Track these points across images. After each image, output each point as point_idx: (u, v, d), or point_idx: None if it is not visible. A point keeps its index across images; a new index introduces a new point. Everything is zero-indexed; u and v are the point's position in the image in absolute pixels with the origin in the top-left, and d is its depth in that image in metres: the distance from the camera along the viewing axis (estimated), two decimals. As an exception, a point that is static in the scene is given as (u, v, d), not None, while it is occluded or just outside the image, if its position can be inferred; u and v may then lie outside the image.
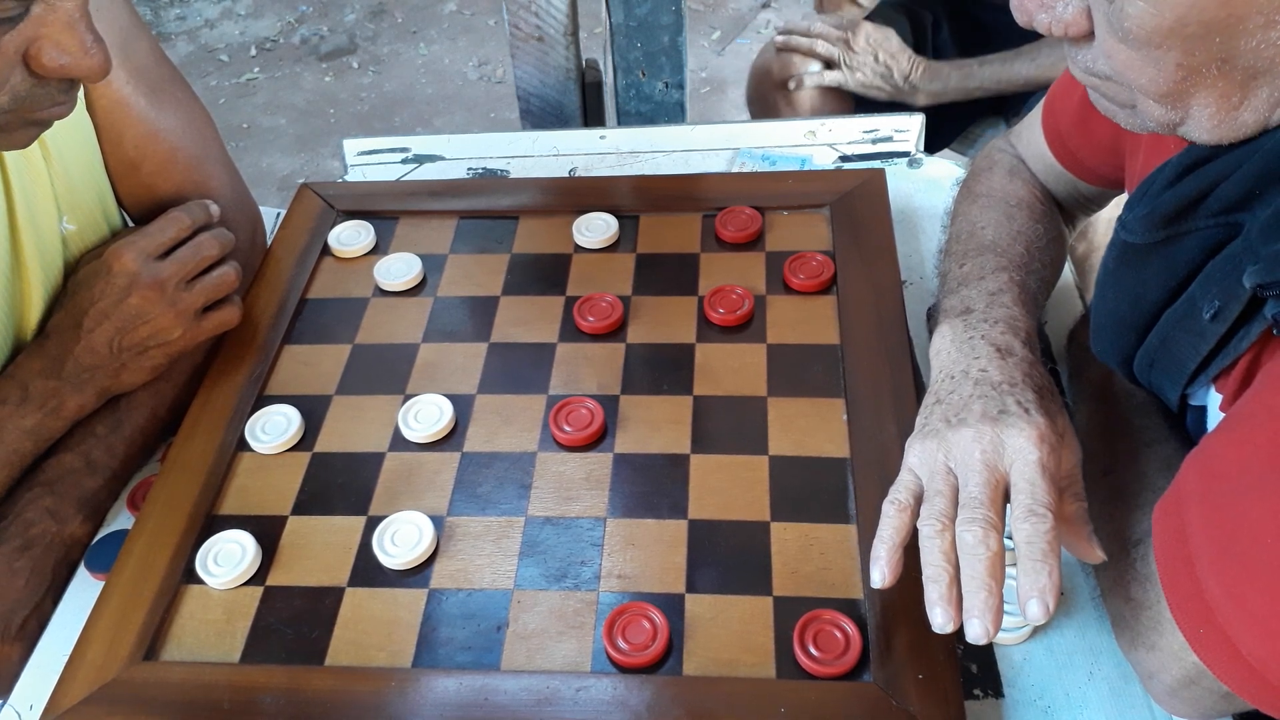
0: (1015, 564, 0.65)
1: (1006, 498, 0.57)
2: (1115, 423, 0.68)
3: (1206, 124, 0.50)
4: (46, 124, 0.64)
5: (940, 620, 0.55)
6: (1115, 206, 0.76)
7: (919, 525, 0.58)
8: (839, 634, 0.62)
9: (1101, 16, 0.49)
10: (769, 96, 1.48)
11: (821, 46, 1.40)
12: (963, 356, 0.64)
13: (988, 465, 0.57)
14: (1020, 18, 0.53)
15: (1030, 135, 0.82)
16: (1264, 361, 0.51)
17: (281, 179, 2.53)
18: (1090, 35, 0.51)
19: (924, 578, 0.56)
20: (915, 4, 1.50)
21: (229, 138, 2.66)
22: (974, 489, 0.56)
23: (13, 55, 0.58)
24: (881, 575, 0.58)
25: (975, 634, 0.53)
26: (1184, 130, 0.52)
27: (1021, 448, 0.57)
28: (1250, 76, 0.48)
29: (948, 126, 1.45)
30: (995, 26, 1.41)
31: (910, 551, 0.61)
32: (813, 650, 0.61)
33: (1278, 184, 0.49)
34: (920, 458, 0.60)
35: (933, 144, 1.05)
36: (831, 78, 1.41)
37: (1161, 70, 0.48)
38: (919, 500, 0.59)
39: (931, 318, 0.73)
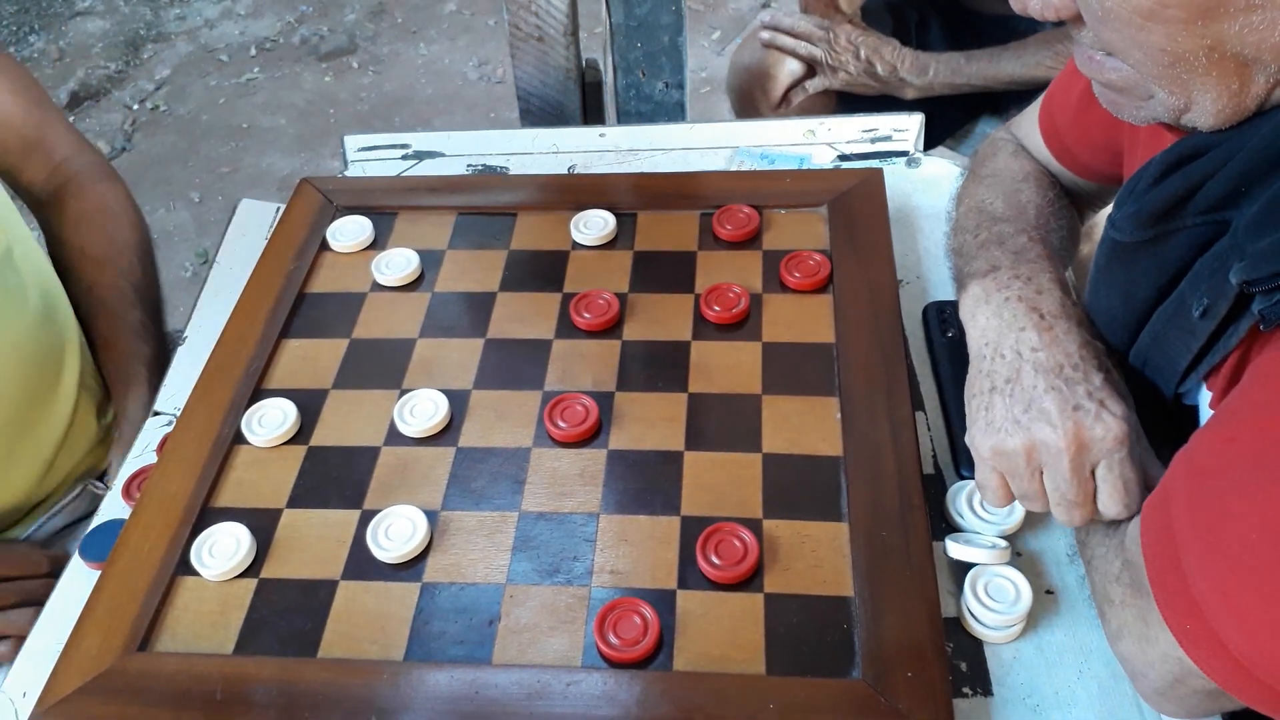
0: (1009, 564, 0.65)
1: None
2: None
3: (1210, 109, 0.51)
4: None
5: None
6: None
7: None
8: (830, 630, 0.62)
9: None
10: (749, 90, 1.49)
11: (804, 48, 1.41)
12: (1003, 324, 0.63)
13: (1076, 470, 0.58)
14: (1015, 5, 0.54)
15: (1028, 130, 0.82)
16: (1252, 358, 0.52)
17: (281, 179, 2.53)
18: (1080, 17, 0.52)
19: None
20: (903, 2, 1.51)
21: (229, 137, 2.67)
22: (1065, 489, 0.59)
23: None
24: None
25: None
26: (1189, 118, 0.53)
27: (1108, 449, 0.58)
28: (1242, 65, 0.48)
29: (943, 122, 1.46)
30: (986, 23, 1.41)
31: (894, 556, 0.64)
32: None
33: (1263, 180, 0.50)
34: (1004, 460, 0.61)
35: (927, 139, 1.06)
36: (815, 85, 1.43)
37: (1146, 53, 0.49)
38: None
39: (957, 284, 0.72)
